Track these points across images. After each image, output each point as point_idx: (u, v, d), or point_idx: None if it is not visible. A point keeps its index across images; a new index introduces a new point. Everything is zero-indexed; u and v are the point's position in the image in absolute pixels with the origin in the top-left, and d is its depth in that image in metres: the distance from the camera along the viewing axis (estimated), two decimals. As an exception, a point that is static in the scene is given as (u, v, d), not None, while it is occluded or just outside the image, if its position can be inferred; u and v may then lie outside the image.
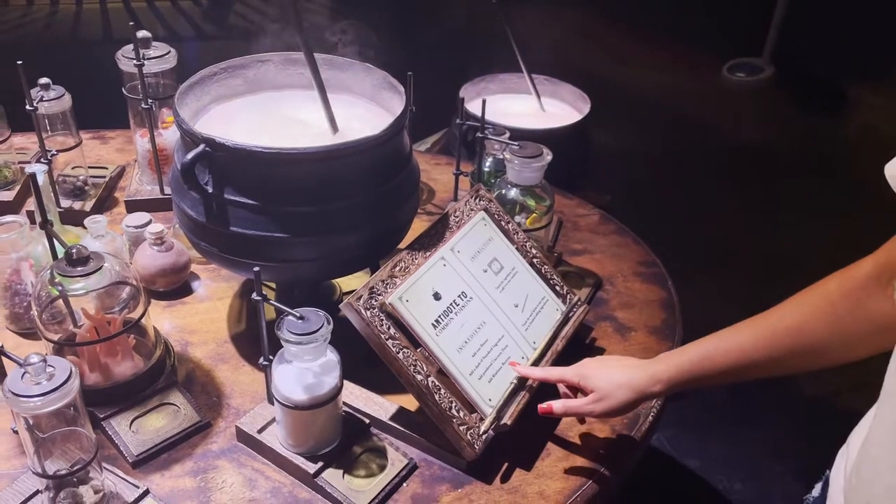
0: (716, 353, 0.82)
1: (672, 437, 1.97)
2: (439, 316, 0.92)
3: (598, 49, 3.82)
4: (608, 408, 0.87)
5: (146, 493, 0.85)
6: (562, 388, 0.94)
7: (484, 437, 0.89)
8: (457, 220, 1.02)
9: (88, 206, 1.35)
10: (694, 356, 0.84)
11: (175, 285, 1.18)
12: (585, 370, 0.90)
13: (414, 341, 0.90)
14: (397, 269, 0.93)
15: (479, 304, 0.97)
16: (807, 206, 2.71)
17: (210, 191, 0.91)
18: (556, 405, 0.90)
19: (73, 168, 1.38)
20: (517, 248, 1.06)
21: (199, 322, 1.13)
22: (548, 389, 0.97)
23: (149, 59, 1.30)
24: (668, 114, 3.38)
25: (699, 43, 3.86)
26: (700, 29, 3.83)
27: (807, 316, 0.76)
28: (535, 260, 1.08)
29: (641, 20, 3.95)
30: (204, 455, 0.91)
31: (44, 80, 1.28)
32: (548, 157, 1.14)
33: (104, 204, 1.39)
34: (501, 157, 1.21)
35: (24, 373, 0.73)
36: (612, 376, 0.88)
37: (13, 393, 0.72)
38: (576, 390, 0.93)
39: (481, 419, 0.90)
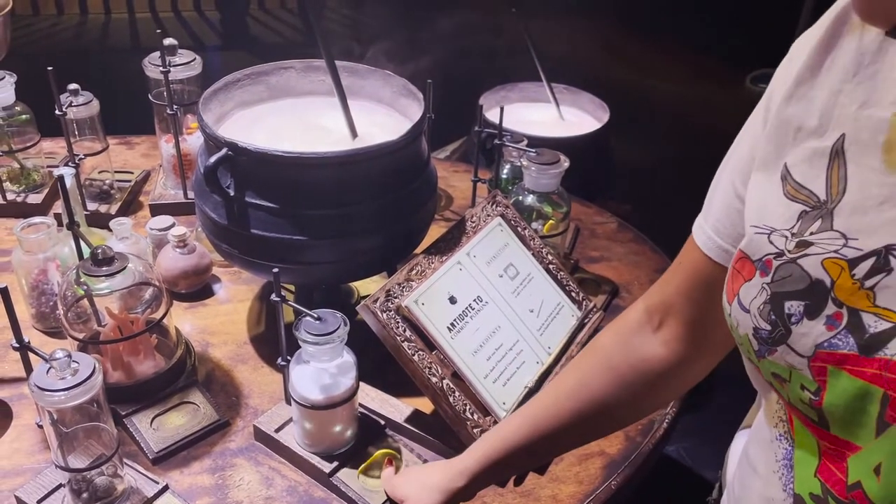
0: (508, 431, 0.74)
1: (690, 447, 1.95)
2: (455, 319, 0.93)
3: (619, 59, 3.82)
4: None
5: (165, 488, 0.86)
6: None
7: (498, 440, 0.89)
8: (473, 225, 1.04)
9: (114, 209, 1.38)
10: (492, 439, 0.75)
11: (197, 287, 1.20)
12: (394, 481, 0.82)
13: (429, 344, 0.91)
14: (414, 272, 0.94)
15: (494, 309, 0.98)
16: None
17: (232, 194, 0.93)
18: None
19: (99, 172, 1.41)
20: (533, 254, 1.07)
21: (220, 323, 1.15)
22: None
23: (174, 66, 1.33)
24: (690, 125, 3.36)
25: (722, 54, 3.84)
26: (723, 40, 3.82)
27: (586, 374, 0.72)
28: (551, 266, 1.09)
29: (663, 31, 3.95)
30: (222, 453, 0.93)
31: (73, 86, 1.31)
32: (565, 164, 1.15)
33: (129, 207, 1.42)
34: (519, 164, 1.22)
35: (50, 368, 0.75)
36: (419, 479, 0.79)
37: (38, 387, 0.74)
38: None
39: (495, 422, 0.91)
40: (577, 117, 1.80)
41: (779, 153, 0.52)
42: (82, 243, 1.00)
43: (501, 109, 1.22)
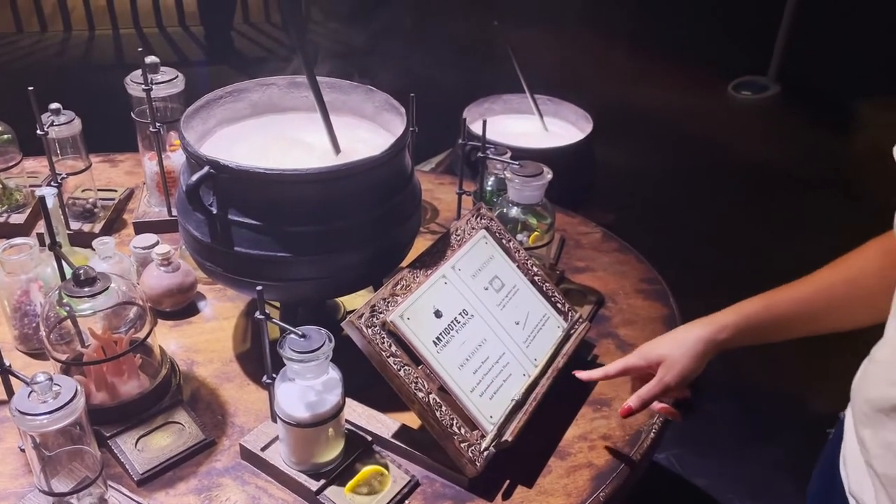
0: (779, 301, 0.85)
1: (680, 455, 1.96)
2: (440, 333, 0.93)
3: (603, 68, 3.84)
4: (681, 371, 0.86)
5: (151, 510, 0.86)
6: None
7: (485, 453, 0.89)
8: (458, 238, 1.04)
9: (97, 227, 1.37)
10: (757, 304, 0.86)
11: (181, 305, 1.19)
12: (645, 347, 0.91)
13: (415, 359, 0.91)
14: (399, 287, 0.94)
15: (480, 322, 0.98)
16: (814, 223, 2.71)
17: (214, 212, 0.92)
18: (633, 402, 0.89)
19: (82, 191, 1.41)
20: (518, 266, 1.07)
21: (205, 341, 1.14)
22: (550, 405, 0.98)
23: (157, 83, 1.33)
24: (674, 132, 3.39)
25: (705, 62, 3.88)
26: (705, 48, 3.86)
27: (862, 270, 0.81)
28: (536, 277, 1.09)
29: (646, 41, 3.98)
30: (208, 473, 0.92)
31: (54, 106, 1.30)
32: (548, 175, 1.16)
33: (113, 226, 1.41)
34: (503, 176, 1.22)
35: (31, 391, 0.74)
36: (675, 337, 0.88)
37: (20, 411, 0.73)
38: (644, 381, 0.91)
39: (482, 436, 0.91)
40: (561, 128, 1.81)
41: None
42: (65, 264, 0.99)
43: (484, 122, 1.22)
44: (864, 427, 0.72)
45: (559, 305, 1.09)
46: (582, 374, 0.97)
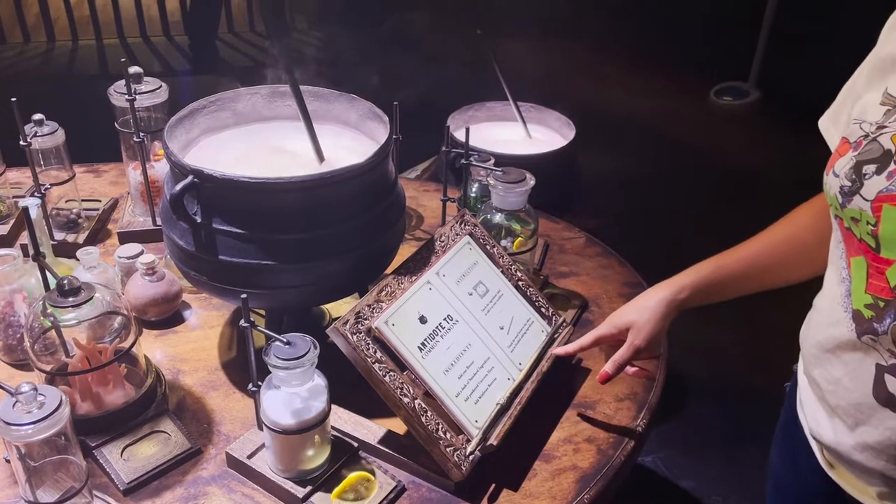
0: (729, 262, 0.94)
1: (667, 458, 1.97)
2: (425, 339, 0.94)
3: (586, 76, 3.88)
4: (649, 332, 0.94)
5: (137, 520, 0.85)
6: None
7: (471, 458, 0.90)
8: (442, 244, 1.05)
9: (82, 238, 1.37)
10: (710, 265, 0.95)
11: (166, 314, 1.19)
12: (612, 317, 0.98)
13: (400, 364, 0.91)
14: (383, 293, 0.94)
15: (464, 327, 0.99)
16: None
17: (199, 221, 0.93)
18: (608, 367, 0.96)
19: (66, 201, 1.40)
20: (502, 272, 1.08)
21: (191, 350, 1.14)
22: (535, 409, 0.99)
23: (140, 93, 1.33)
24: (656, 138, 3.43)
25: (686, 68, 3.93)
26: (687, 55, 3.90)
27: (799, 227, 0.91)
28: (520, 283, 1.10)
29: (628, 47, 4.02)
30: (195, 481, 0.92)
31: (37, 117, 1.30)
32: (531, 181, 1.17)
33: (97, 236, 1.41)
34: (486, 182, 1.23)
35: (16, 402, 0.74)
36: (639, 303, 0.96)
37: (4, 422, 0.73)
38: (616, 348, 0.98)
39: (468, 440, 0.91)
40: (545, 135, 1.82)
41: (882, 77, 0.74)
42: (49, 274, 0.99)
43: (467, 129, 1.23)
44: (814, 368, 0.80)
45: (543, 310, 1.10)
46: (559, 350, 1.04)
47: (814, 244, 0.88)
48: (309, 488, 0.88)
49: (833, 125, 0.84)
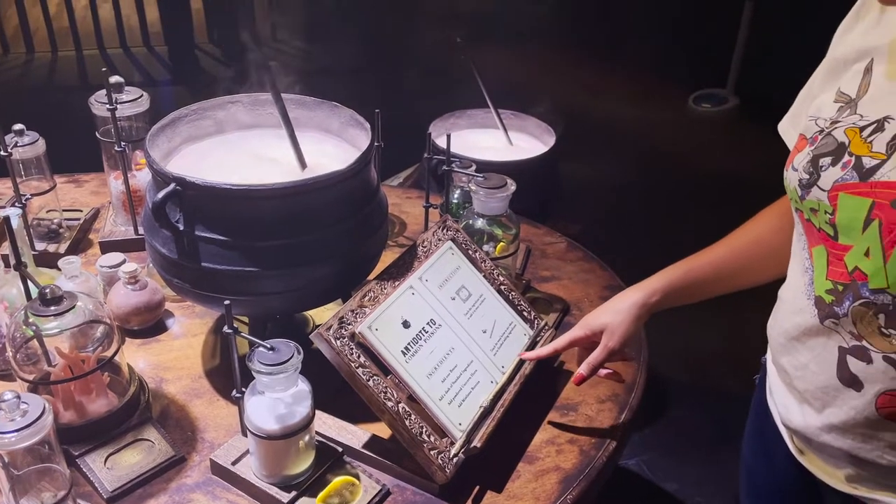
0: (698, 266, 0.98)
1: (649, 460, 1.99)
2: (408, 343, 0.95)
3: (566, 83, 3.91)
4: (622, 335, 0.97)
5: (121, 528, 0.85)
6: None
7: (454, 460, 0.91)
8: (425, 250, 1.05)
9: (63, 248, 1.36)
10: (679, 269, 0.99)
11: (149, 323, 1.19)
12: (586, 319, 1.01)
13: (384, 369, 0.92)
14: (367, 298, 0.95)
15: (447, 331, 1.00)
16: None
17: (181, 228, 0.93)
18: (583, 369, 0.99)
19: (47, 211, 1.40)
20: (484, 276, 1.10)
21: (174, 359, 1.14)
22: (518, 411, 1.00)
23: (121, 103, 1.33)
24: (636, 144, 3.46)
25: (665, 75, 3.97)
26: (665, 62, 3.95)
27: (765, 230, 0.94)
28: (502, 287, 1.11)
29: (607, 55, 4.07)
30: (179, 489, 0.92)
31: (17, 127, 1.30)
32: (511, 187, 1.18)
33: (79, 246, 1.41)
34: (468, 188, 1.25)
35: (-2, 410, 0.74)
36: (612, 306, 0.99)
37: (-13, 430, 0.73)
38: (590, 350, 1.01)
39: (452, 443, 0.92)
40: (525, 142, 1.84)
41: (835, 77, 0.78)
42: (30, 284, 0.99)
43: (448, 136, 1.25)
44: (781, 356, 0.83)
45: (525, 314, 1.11)
46: (530, 354, 1.05)
47: (778, 246, 0.91)
48: (294, 493, 0.89)
49: (792, 127, 0.88)
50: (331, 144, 1.13)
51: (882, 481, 0.77)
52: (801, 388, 0.81)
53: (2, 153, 1.24)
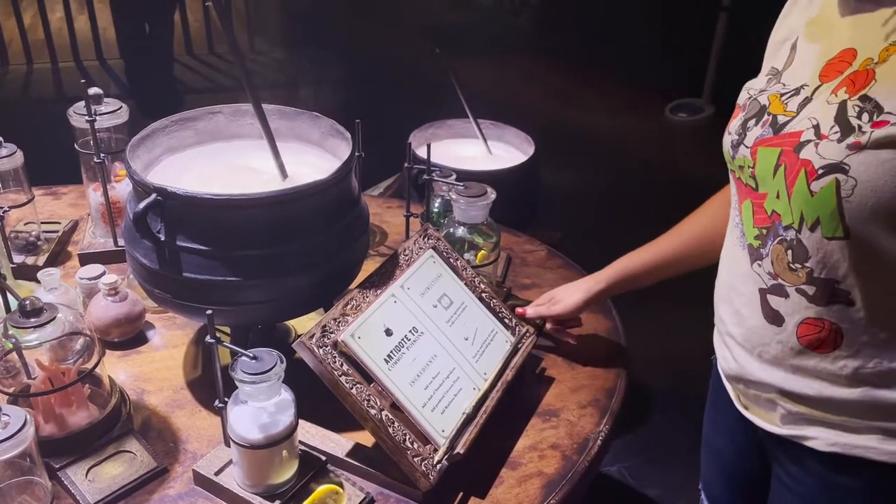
0: (645, 255, 1.13)
1: (632, 467, 2.00)
2: (391, 351, 0.95)
3: (545, 93, 3.95)
4: (564, 306, 1.15)
5: (103, 540, 0.85)
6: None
7: (438, 467, 0.91)
8: (406, 258, 1.06)
9: (41, 260, 1.35)
10: (626, 260, 1.14)
11: (130, 335, 1.19)
12: (550, 292, 1.20)
13: (367, 377, 0.92)
14: (349, 307, 0.96)
15: (429, 339, 1.00)
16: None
17: (162, 238, 0.93)
18: (528, 310, 1.18)
19: (25, 224, 1.39)
20: (466, 284, 1.10)
21: (155, 370, 1.13)
22: (497, 420, 1.00)
23: (101, 114, 1.33)
24: (614, 154, 3.50)
25: (642, 85, 4.02)
26: (643, 72, 4.00)
27: (716, 217, 1.02)
28: (483, 294, 1.12)
29: (585, 65, 4.11)
30: (161, 500, 0.92)
31: (-5, 138, 1.29)
32: (491, 195, 1.20)
33: (57, 258, 1.40)
34: (449, 197, 1.26)
35: (-22, 423, 0.74)
36: (567, 286, 1.19)
37: (-33, 443, 0.73)
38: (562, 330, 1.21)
39: (435, 450, 0.92)
40: (505, 151, 1.85)
41: (772, 56, 0.88)
42: (9, 296, 0.98)
43: (428, 146, 1.26)
44: (720, 307, 0.93)
45: (506, 321, 1.12)
46: (518, 310, 1.19)
47: (716, 236, 0.98)
48: (278, 503, 0.89)
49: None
50: (312, 155, 1.13)
51: (811, 416, 0.83)
52: (736, 334, 0.89)
53: (-21, 165, 1.23)
